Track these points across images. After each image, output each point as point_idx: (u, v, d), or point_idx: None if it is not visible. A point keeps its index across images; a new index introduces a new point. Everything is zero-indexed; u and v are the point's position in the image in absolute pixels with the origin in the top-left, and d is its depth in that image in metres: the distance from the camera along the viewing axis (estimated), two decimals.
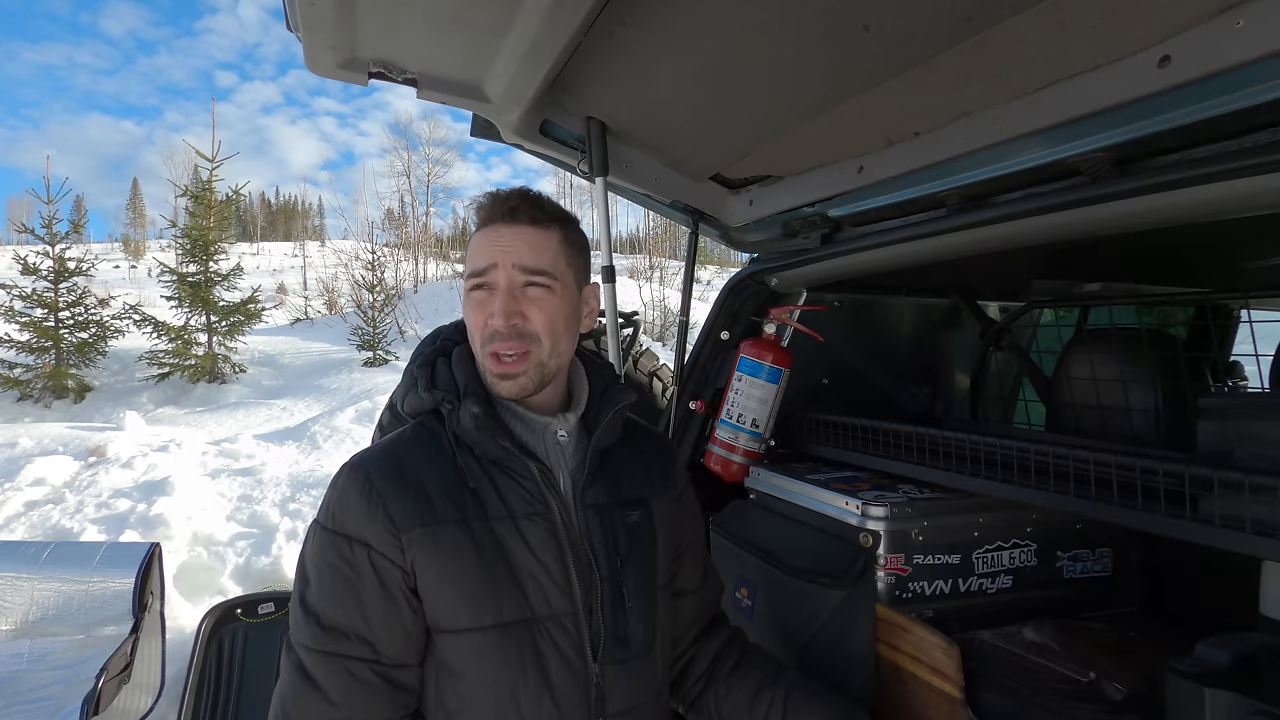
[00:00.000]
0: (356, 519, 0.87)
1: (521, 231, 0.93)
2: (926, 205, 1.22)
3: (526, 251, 0.92)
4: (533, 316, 0.92)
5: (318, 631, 0.85)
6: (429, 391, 0.95)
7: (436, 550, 0.86)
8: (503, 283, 0.91)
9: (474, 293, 0.94)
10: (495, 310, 0.90)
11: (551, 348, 0.93)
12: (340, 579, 0.86)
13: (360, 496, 0.88)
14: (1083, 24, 0.84)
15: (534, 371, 0.93)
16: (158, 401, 9.80)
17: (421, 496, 0.88)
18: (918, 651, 1.07)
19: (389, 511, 0.86)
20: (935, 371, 1.95)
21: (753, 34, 1.02)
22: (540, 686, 0.87)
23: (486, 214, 0.94)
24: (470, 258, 0.95)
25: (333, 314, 15.53)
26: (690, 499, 1.14)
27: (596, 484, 0.97)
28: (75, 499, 4.63)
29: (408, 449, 0.93)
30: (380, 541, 0.86)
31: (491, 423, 0.91)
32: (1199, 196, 0.85)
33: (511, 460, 0.91)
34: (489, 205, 0.94)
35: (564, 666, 0.88)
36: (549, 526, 0.90)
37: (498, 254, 0.92)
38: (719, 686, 1.08)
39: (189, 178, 12.37)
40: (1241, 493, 0.84)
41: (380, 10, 1.09)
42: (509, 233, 0.93)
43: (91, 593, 2.24)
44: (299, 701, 0.85)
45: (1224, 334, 1.84)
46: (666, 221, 16.09)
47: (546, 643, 0.88)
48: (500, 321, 0.90)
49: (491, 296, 0.92)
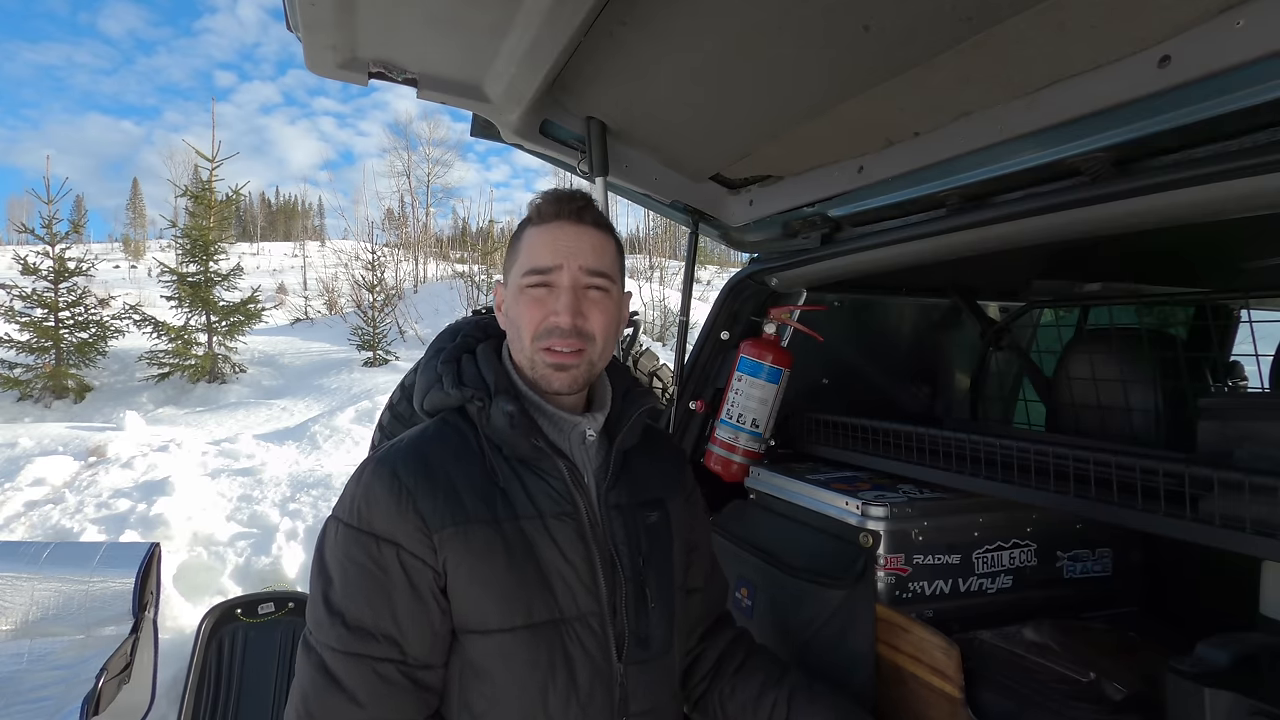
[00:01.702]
0: (385, 517, 0.85)
1: (587, 232, 0.94)
2: (926, 205, 1.22)
3: (592, 253, 0.93)
4: (592, 317, 0.93)
5: (343, 632, 0.83)
6: (457, 388, 0.94)
7: (468, 550, 0.85)
8: (567, 282, 0.92)
9: (534, 289, 0.93)
10: (560, 308, 0.91)
11: (603, 348, 0.96)
12: (368, 578, 0.84)
13: (389, 493, 0.86)
14: (1083, 24, 0.83)
15: (585, 368, 0.94)
16: (158, 401, 9.79)
17: (451, 495, 0.87)
18: (918, 651, 1.07)
19: (419, 510, 0.85)
20: (935, 371, 1.95)
21: (753, 34, 1.02)
22: (568, 687, 0.87)
23: (553, 211, 0.95)
24: (531, 254, 0.94)
25: (333, 314, 15.52)
26: (698, 499, 1.15)
27: (619, 485, 0.97)
28: (75, 499, 4.63)
29: (433, 446, 0.91)
30: (410, 541, 0.85)
31: (526, 421, 0.91)
32: (1199, 196, 0.85)
33: (542, 459, 0.91)
34: (555, 203, 0.95)
35: (590, 667, 0.88)
36: (577, 526, 0.91)
37: (565, 253, 0.92)
38: (723, 685, 1.08)
39: (189, 178, 12.35)
40: (1241, 493, 0.84)
41: (380, 10, 1.09)
42: (575, 232, 0.94)
43: (91, 593, 2.24)
44: (323, 701, 0.83)
45: (1224, 334, 1.84)
46: (666, 221, 16.09)
47: (574, 643, 0.88)
48: (567, 319, 0.91)
49: (552, 294, 0.92)
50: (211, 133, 11.57)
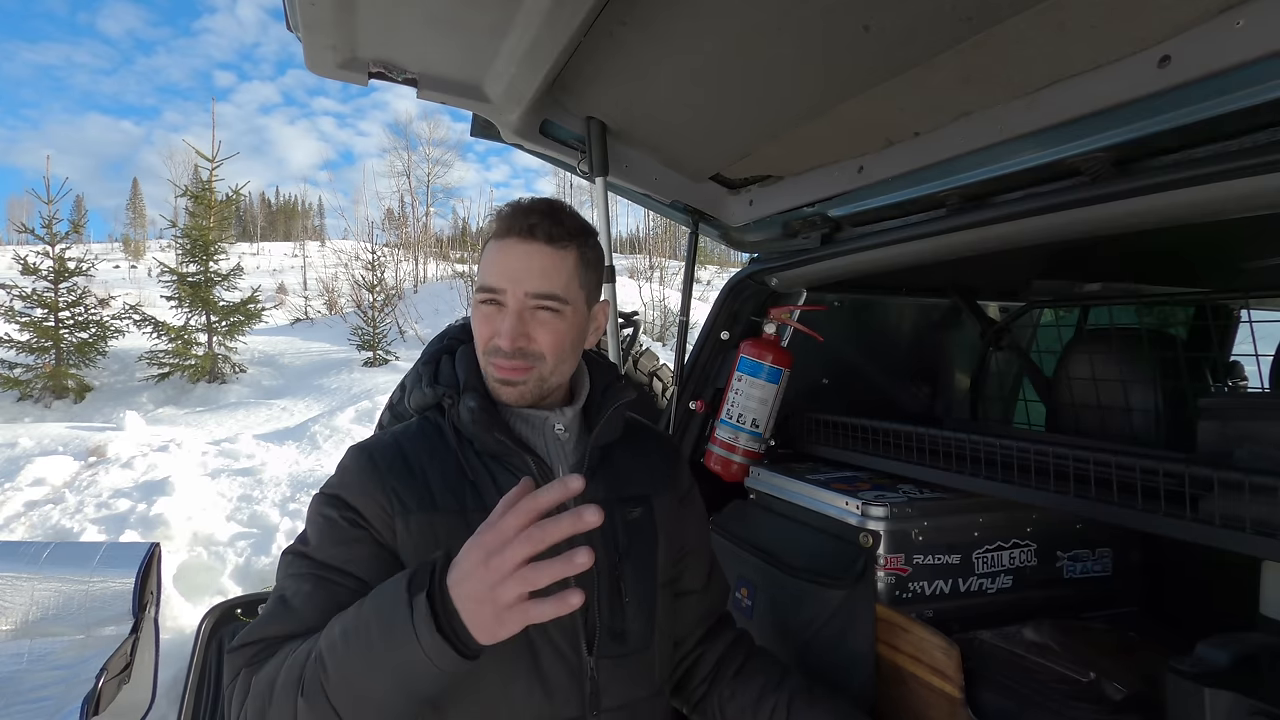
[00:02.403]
0: (355, 488, 0.88)
1: (536, 252, 0.91)
2: (926, 205, 1.22)
3: (540, 276, 0.91)
4: (539, 338, 0.92)
5: (309, 562, 0.85)
6: (432, 386, 0.97)
7: (435, 538, 0.86)
8: (512, 305, 0.91)
9: (483, 305, 0.93)
10: (502, 331, 0.90)
11: (554, 366, 0.94)
12: (335, 528, 0.87)
13: (361, 470, 0.89)
14: (1083, 24, 0.83)
15: (534, 383, 0.94)
16: (158, 401, 9.80)
17: (423, 485, 0.89)
18: (918, 651, 1.07)
19: (387, 493, 0.87)
20: (935, 371, 1.95)
21: (753, 34, 1.02)
22: (531, 677, 0.87)
23: (505, 227, 0.93)
24: (483, 270, 0.94)
25: (333, 314, 15.53)
26: (696, 500, 1.14)
27: (596, 479, 0.97)
28: (75, 499, 4.63)
29: (410, 441, 0.94)
30: (371, 514, 0.87)
31: (487, 417, 0.92)
32: (1199, 196, 0.85)
33: (508, 454, 0.92)
34: (508, 218, 0.93)
35: (557, 658, 0.88)
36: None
37: (510, 275, 0.91)
38: (723, 689, 1.08)
39: (189, 178, 12.37)
40: (1241, 493, 0.84)
41: (380, 10, 1.09)
42: (523, 252, 0.91)
43: (91, 593, 2.24)
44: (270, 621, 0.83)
45: (1224, 334, 1.85)
46: (666, 221, 16.08)
47: (538, 633, 0.87)
48: (507, 342, 0.90)
49: (499, 313, 0.92)
50: (212, 132, 11.58)
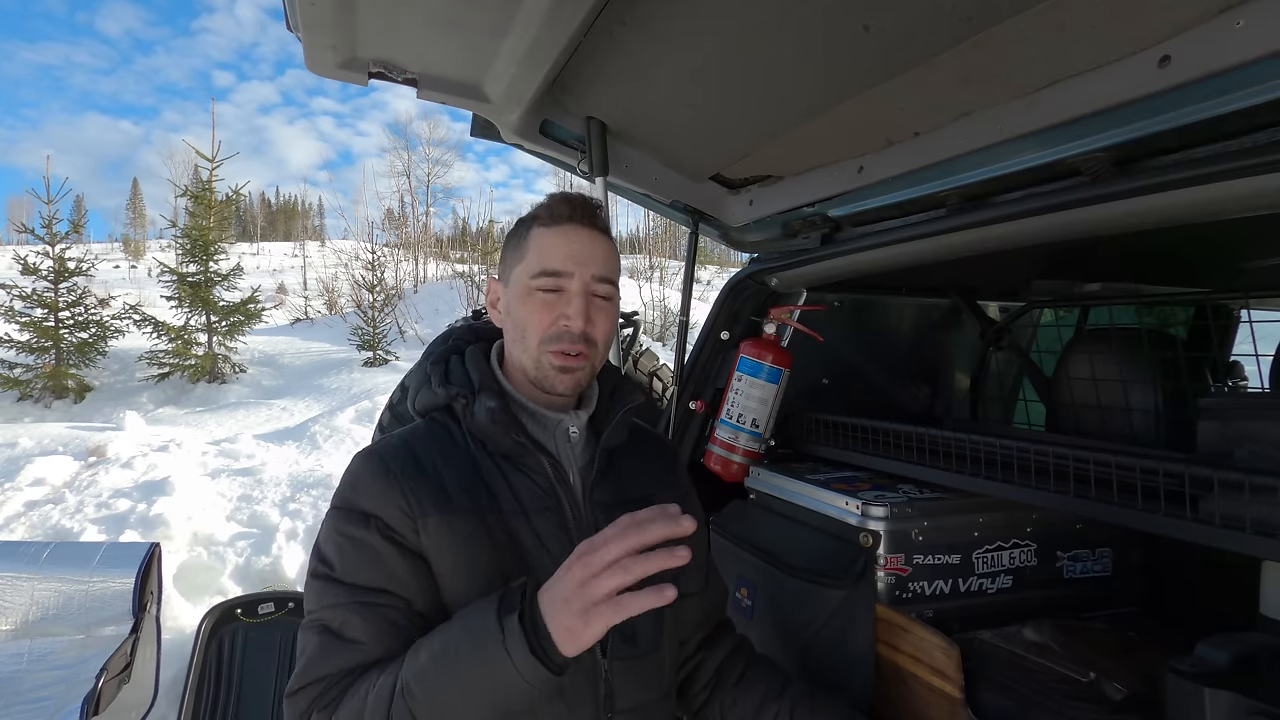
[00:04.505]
0: (371, 496, 0.86)
1: (598, 238, 0.95)
2: (926, 205, 1.22)
3: (604, 261, 0.95)
4: (599, 323, 0.95)
5: (345, 589, 0.82)
6: (443, 387, 0.96)
7: (453, 540, 0.86)
8: (580, 288, 0.93)
9: (543, 293, 0.94)
10: (572, 313, 0.92)
11: (603, 353, 0.98)
12: (360, 548, 0.85)
13: (374, 477, 0.87)
14: (1083, 24, 0.83)
15: (587, 371, 0.96)
16: (158, 401, 9.79)
17: (438, 486, 0.88)
18: (918, 651, 1.07)
19: (405, 493, 0.86)
20: (935, 371, 1.95)
21: (753, 34, 1.02)
22: None
23: (566, 213, 0.95)
24: (542, 255, 0.94)
25: (333, 314, 15.52)
26: (694, 502, 1.14)
27: (604, 482, 0.97)
28: (75, 499, 4.63)
29: (421, 443, 0.93)
30: (394, 520, 0.85)
31: (506, 416, 0.92)
32: (1199, 196, 0.85)
33: (524, 455, 0.92)
34: (568, 204, 0.95)
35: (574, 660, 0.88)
36: (559, 521, 0.91)
37: (579, 258, 0.93)
38: (724, 696, 1.08)
39: (189, 178, 12.36)
40: (1241, 493, 0.84)
41: (380, 10, 1.09)
42: (588, 237, 0.94)
43: (91, 593, 2.25)
44: (326, 658, 0.80)
45: (1224, 334, 1.85)
46: (666, 221, 16.09)
47: None
48: (579, 324, 0.92)
49: (563, 298, 0.93)
50: (212, 132, 11.57)
